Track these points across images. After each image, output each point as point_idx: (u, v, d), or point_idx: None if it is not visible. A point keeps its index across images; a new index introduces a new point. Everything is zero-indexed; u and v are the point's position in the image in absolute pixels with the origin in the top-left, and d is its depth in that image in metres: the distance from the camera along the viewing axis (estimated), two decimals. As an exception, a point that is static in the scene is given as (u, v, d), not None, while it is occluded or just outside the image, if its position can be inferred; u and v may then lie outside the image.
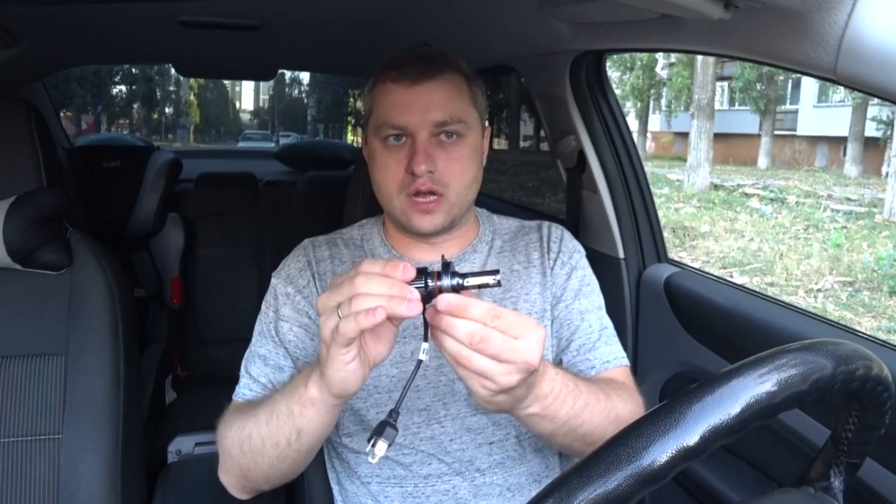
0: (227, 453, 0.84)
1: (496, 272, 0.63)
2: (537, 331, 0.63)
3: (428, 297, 0.62)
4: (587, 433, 0.78)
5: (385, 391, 0.90)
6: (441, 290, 0.62)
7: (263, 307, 0.97)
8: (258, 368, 0.92)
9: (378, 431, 0.66)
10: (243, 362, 0.94)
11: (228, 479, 0.87)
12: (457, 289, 0.62)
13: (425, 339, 0.66)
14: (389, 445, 0.66)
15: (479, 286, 0.63)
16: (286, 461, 0.79)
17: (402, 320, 0.66)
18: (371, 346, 0.67)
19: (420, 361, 0.66)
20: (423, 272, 0.63)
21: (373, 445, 0.65)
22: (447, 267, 0.64)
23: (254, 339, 0.96)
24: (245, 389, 0.92)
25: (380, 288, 0.61)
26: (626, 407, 0.84)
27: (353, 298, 0.61)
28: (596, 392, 0.79)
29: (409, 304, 0.60)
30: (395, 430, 0.66)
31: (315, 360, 0.85)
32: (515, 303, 0.95)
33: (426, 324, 0.65)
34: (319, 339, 0.67)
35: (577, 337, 0.94)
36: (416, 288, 0.62)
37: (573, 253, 1.00)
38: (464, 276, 0.63)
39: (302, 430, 0.75)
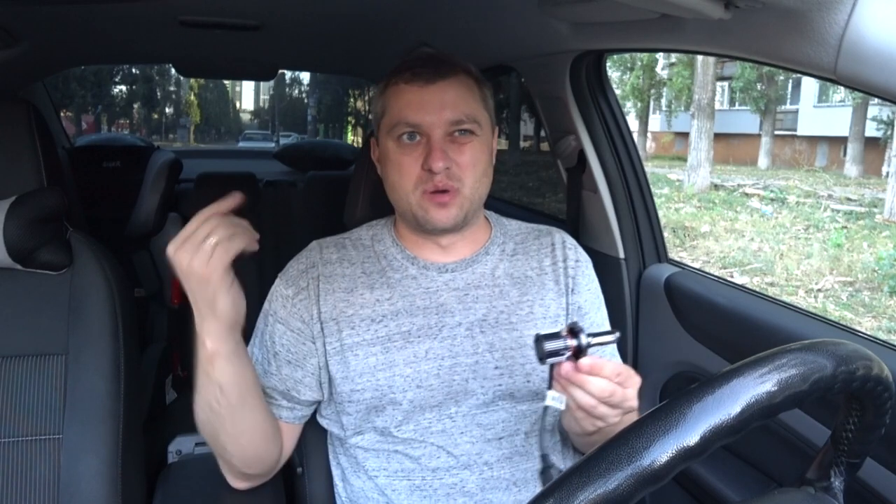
0: (209, 443, 0.91)
1: (615, 332, 0.74)
2: (635, 379, 0.74)
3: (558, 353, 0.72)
4: (612, 431, 0.81)
5: (399, 390, 0.90)
6: (578, 349, 0.71)
7: (264, 307, 0.99)
8: (257, 356, 0.97)
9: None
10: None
11: (223, 470, 0.94)
12: (582, 348, 0.72)
13: (549, 387, 0.75)
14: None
15: (601, 344, 0.73)
16: (227, 423, 0.85)
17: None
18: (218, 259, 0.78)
19: (547, 407, 0.76)
20: (556, 335, 0.72)
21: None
22: (576, 330, 0.73)
23: (253, 338, 0.98)
24: None
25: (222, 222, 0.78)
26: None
27: (212, 234, 0.76)
28: None
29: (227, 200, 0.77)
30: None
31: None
32: (531, 307, 0.96)
33: (551, 373, 0.75)
34: (188, 288, 0.77)
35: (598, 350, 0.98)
36: (556, 347, 0.71)
37: (588, 264, 1.03)
38: (590, 335, 0.72)
39: (222, 385, 0.81)
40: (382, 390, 0.91)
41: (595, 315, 1.01)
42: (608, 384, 0.71)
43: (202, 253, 0.74)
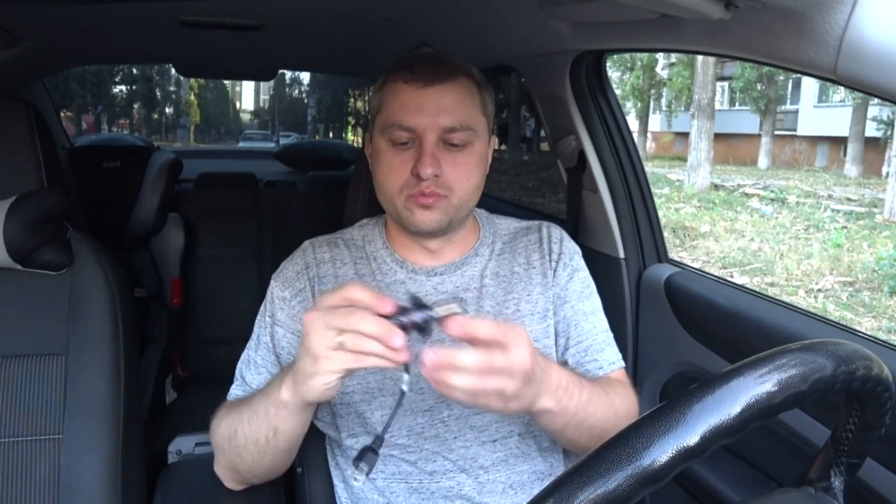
0: (218, 448, 0.91)
1: (460, 299, 0.70)
2: (519, 335, 0.67)
3: (402, 329, 0.67)
4: (592, 426, 0.82)
5: (389, 394, 0.91)
6: (414, 325, 0.67)
7: (261, 310, 0.98)
8: (251, 375, 0.95)
9: (360, 457, 0.72)
10: (239, 363, 0.97)
11: (221, 471, 0.95)
12: (428, 321, 0.67)
13: (406, 372, 0.70)
14: (369, 473, 0.72)
15: (448, 315, 0.67)
16: (266, 457, 0.86)
17: None
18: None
19: (403, 393, 0.71)
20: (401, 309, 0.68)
21: (358, 469, 0.71)
22: (418, 302, 0.68)
23: (251, 342, 0.97)
24: (238, 391, 0.95)
25: (371, 327, 0.66)
26: (622, 403, 0.89)
27: (349, 334, 0.66)
28: (596, 387, 0.85)
29: (398, 354, 0.66)
30: (376, 456, 0.72)
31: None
32: (518, 304, 0.95)
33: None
34: (302, 348, 0.71)
35: (585, 338, 0.96)
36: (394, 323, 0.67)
37: (573, 254, 1.01)
38: (431, 307, 0.67)
39: (277, 429, 0.81)
40: (373, 392, 0.91)
41: (579, 303, 0.97)
42: (476, 355, 0.64)
43: (335, 343, 0.68)
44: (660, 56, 15.45)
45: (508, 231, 1.03)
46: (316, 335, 0.68)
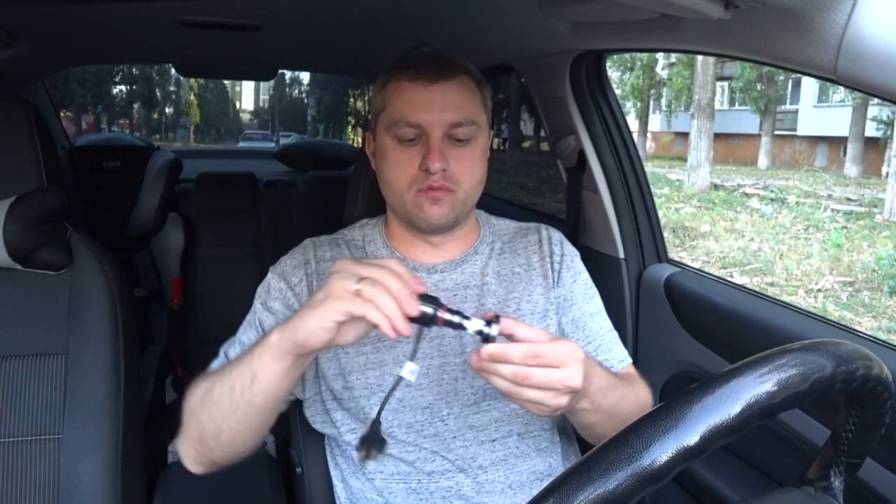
0: (189, 414, 0.83)
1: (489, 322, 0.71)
2: (575, 356, 0.69)
3: (425, 322, 0.69)
4: (622, 420, 0.82)
5: (389, 389, 0.90)
6: (444, 322, 0.70)
7: (255, 299, 0.98)
8: (234, 353, 0.92)
9: (361, 444, 0.74)
10: (224, 345, 0.94)
11: (184, 447, 0.85)
12: (456, 326, 0.70)
13: (411, 359, 0.72)
14: (368, 455, 0.73)
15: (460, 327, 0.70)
16: (237, 413, 0.78)
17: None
18: (347, 327, 0.71)
19: (401, 378, 0.72)
20: (431, 300, 0.69)
21: (363, 456, 0.73)
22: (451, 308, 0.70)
23: (241, 328, 0.96)
24: (217, 365, 0.92)
25: (394, 284, 0.67)
26: (645, 395, 0.92)
27: (369, 281, 0.67)
28: (625, 383, 0.87)
29: (404, 325, 0.66)
30: (378, 439, 0.74)
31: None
32: (518, 304, 0.96)
33: (415, 345, 0.73)
34: (318, 288, 0.70)
35: (594, 338, 0.99)
36: (423, 309, 0.68)
37: (574, 257, 1.03)
38: (466, 316, 0.70)
39: (256, 375, 0.75)
40: (372, 388, 0.91)
41: (585, 305, 1.00)
42: (521, 368, 0.67)
43: (354, 288, 0.68)
44: (660, 56, 15.45)
45: (508, 231, 1.04)
46: (338, 275, 0.69)
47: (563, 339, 0.72)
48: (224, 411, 0.78)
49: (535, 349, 0.67)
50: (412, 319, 0.67)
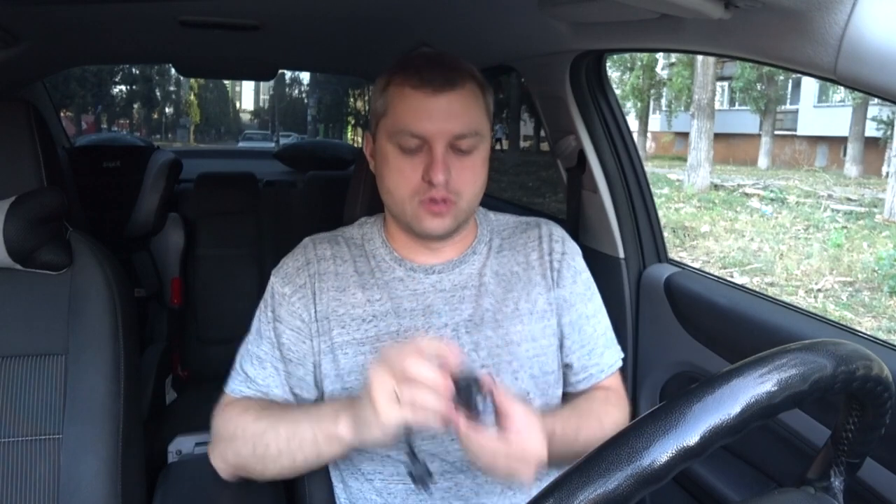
0: (233, 448, 0.90)
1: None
2: (532, 430, 0.75)
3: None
4: (578, 452, 0.84)
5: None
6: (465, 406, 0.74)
7: (262, 305, 0.98)
8: (254, 370, 0.94)
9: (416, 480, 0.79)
10: (238, 357, 0.97)
11: (223, 465, 0.93)
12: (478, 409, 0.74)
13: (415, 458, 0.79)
14: (426, 485, 0.79)
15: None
16: (295, 472, 0.89)
17: None
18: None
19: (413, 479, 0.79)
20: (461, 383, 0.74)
21: (422, 485, 0.79)
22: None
23: (251, 336, 0.97)
24: (242, 386, 0.95)
25: (425, 372, 0.73)
26: (618, 413, 0.96)
27: (404, 386, 0.73)
28: (585, 413, 0.93)
29: (448, 408, 0.73)
30: (425, 471, 0.78)
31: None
32: (517, 303, 0.95)
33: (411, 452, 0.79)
34: (364, 394, 0.76)
35: (588, 342, 0.99)
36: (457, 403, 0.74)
37: (575, 255, 1.01)
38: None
39: (322, 456, 0.85)
40: None
41: (583, 307, 0.99)
42: (487, 451, 0.74)
43: (394, 395, 0.74)
44: (660, 56, 15.45)
45: (507, 227, 1.03)
46: (377, 381, 0.74)
47: (531, 428, 0.76)
48: (280, 468, 0.88)
49: (503, 448, 0.74)
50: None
